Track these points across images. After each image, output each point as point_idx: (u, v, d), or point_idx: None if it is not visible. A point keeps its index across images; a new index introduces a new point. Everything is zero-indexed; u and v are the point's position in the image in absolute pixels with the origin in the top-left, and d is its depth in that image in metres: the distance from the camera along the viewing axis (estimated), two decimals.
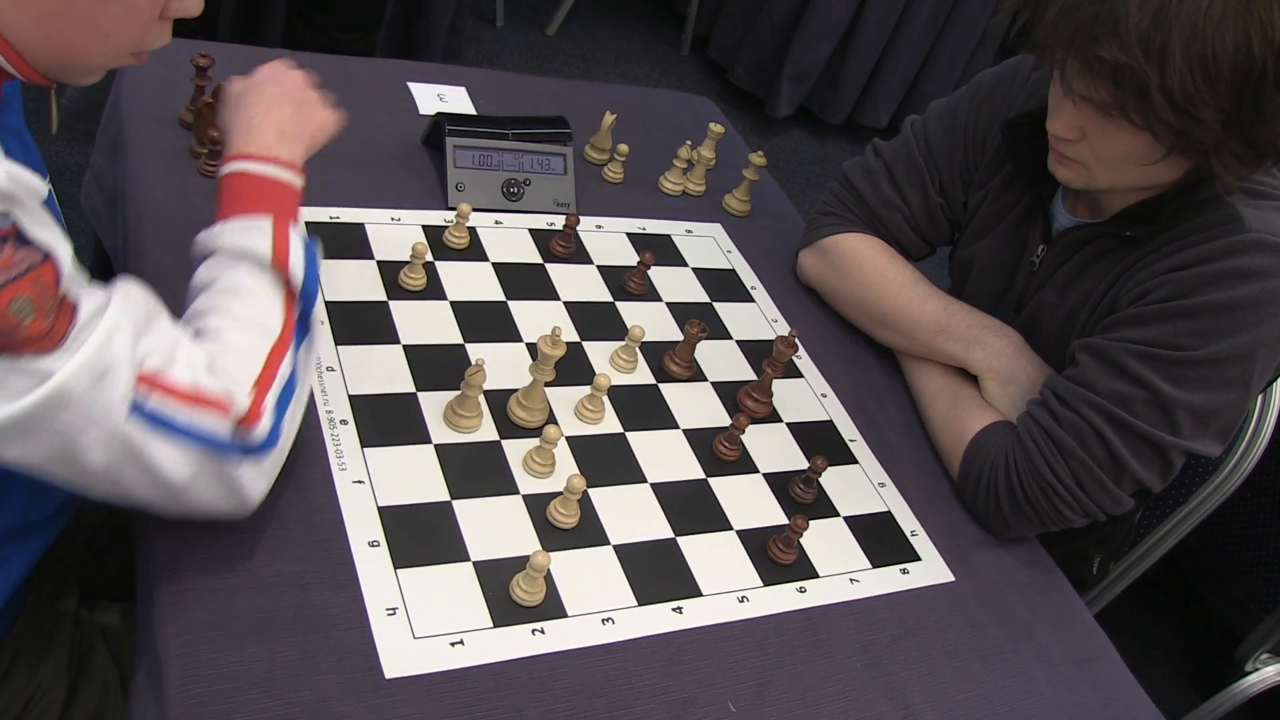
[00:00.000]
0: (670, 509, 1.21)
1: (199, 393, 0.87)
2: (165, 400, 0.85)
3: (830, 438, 1.41)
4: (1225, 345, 1.21)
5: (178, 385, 0.86)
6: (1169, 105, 1.08)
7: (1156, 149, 1.16)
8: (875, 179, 1.55)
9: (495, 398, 1.24)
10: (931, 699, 1.15)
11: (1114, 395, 1.25)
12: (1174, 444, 1.24)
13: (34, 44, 0.85)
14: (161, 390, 0.85)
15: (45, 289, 0.78)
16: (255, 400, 0.91)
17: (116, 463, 0.85)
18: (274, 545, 1.01)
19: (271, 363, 0.94)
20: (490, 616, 1.04)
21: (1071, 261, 1.37)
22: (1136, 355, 1.24)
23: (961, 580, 1.30)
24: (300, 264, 1.00)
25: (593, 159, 1.69)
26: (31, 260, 0.77)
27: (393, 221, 1.42)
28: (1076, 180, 1.28)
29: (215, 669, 0.91)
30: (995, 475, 1.33)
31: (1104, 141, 1.20)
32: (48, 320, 0.78)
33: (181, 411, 0.86)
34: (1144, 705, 1.26)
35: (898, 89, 3.97)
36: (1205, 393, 1.23)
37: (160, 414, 0.85)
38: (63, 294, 0.80)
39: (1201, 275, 1.22)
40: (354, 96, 1.60)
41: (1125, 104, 1.12)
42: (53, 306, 0.79)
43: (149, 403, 0.84)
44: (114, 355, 0.83)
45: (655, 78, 3.90)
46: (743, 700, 1.07)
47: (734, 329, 1.50)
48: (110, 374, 0.82)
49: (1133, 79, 1.08)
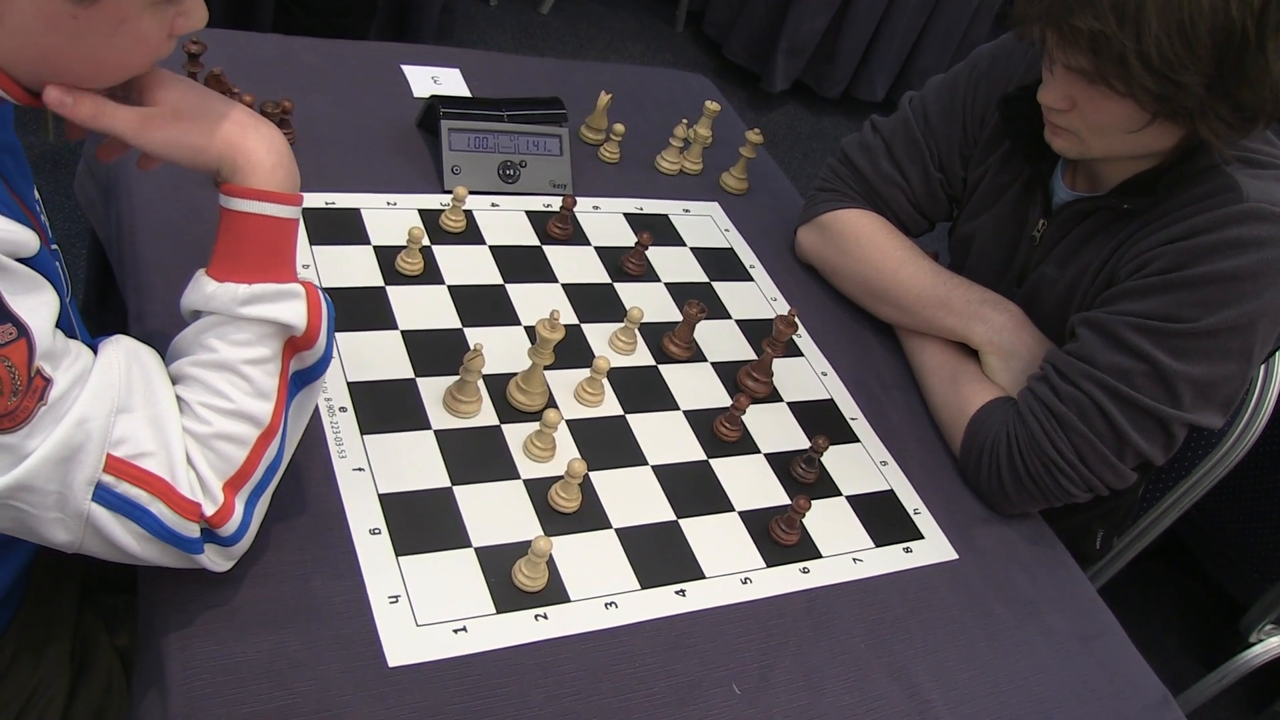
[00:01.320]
0: (672, 491, 1.21)
1: (172, 489, 0.85)
2: (133, 490, 0.83)
3: (831, 416, 1.40)
4: (1225, 316, 1.20)
5: (151, 475, 0.84)
6: (1148, 71, 1.08)
7: (1142, 115, 1.15)
8: (874, 155, 1.54)
9: (494, 382, 1.24)
10: (937, 678, 1.15)
11: (1114, 368, 1.24)
12: (1175, 416, 1.24)
13: (37, 77, 0.82)
14: (131, 478, 0.83)
15: (14, 368, 0.76)
16: (226, 500, 0.88)
17: (79, 537, 0.83)
18: (275, 535, 1.01)
19: (253, 458, 0.90)
20: (493, 603, 1.03)
21: (1071, 235, 1.37)
22: (1136, 328, 1.23)
23: (965, 558, 1.29)
24: (325, 337, 0.94)
25: (589, 139, 1.68)
26: (4, 338, 0.75)
27: (389, 206, 1.41)
28: (1071, 150, 1.27)
29: (218, 660, 0.91)
30: (997, 451, 1.32)
31: (1092, 110, 1.20)
32: (13, 399, 0.76)
33: (151, 504, 0.84)
34: (1150, 681, 1.26)
35: (894, 62, 3.95)
36: (1206, 364, 1.22)
37: (129, 500, 0.83)
38: (35, 372, 0.77)
39: (1200, 246, 1.21)
40: (347, 80, 1.59)
41: (1105, 72, 1.12)
42: (20, 386, 0.76)
43: (117, 489, 0.83)
44: (83, 439, 0.80)
45: (650, 55, 3.88)
46: (747, 682, 1.07)
47: (733, 308, 1.49)
48: (77, 458, 0.80)
49: (1110, 47, 1.09)
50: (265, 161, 0.90)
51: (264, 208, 0.89)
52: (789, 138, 3.80)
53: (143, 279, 1.20)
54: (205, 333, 0.89)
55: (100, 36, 0.80)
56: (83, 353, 0.83)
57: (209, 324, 0.89)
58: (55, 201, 2.31)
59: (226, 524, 0.88)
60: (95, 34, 0.79)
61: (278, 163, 0.91)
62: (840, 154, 1.59)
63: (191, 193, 1.29)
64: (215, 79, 1.33)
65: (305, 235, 1.31)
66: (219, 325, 0.89)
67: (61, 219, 2.31)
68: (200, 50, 1.34)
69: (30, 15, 0.77)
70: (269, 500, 0.94)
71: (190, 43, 1.34)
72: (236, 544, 0.91)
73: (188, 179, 1.32)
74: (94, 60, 0.82)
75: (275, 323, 0.89)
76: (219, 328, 0.89)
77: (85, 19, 0.78)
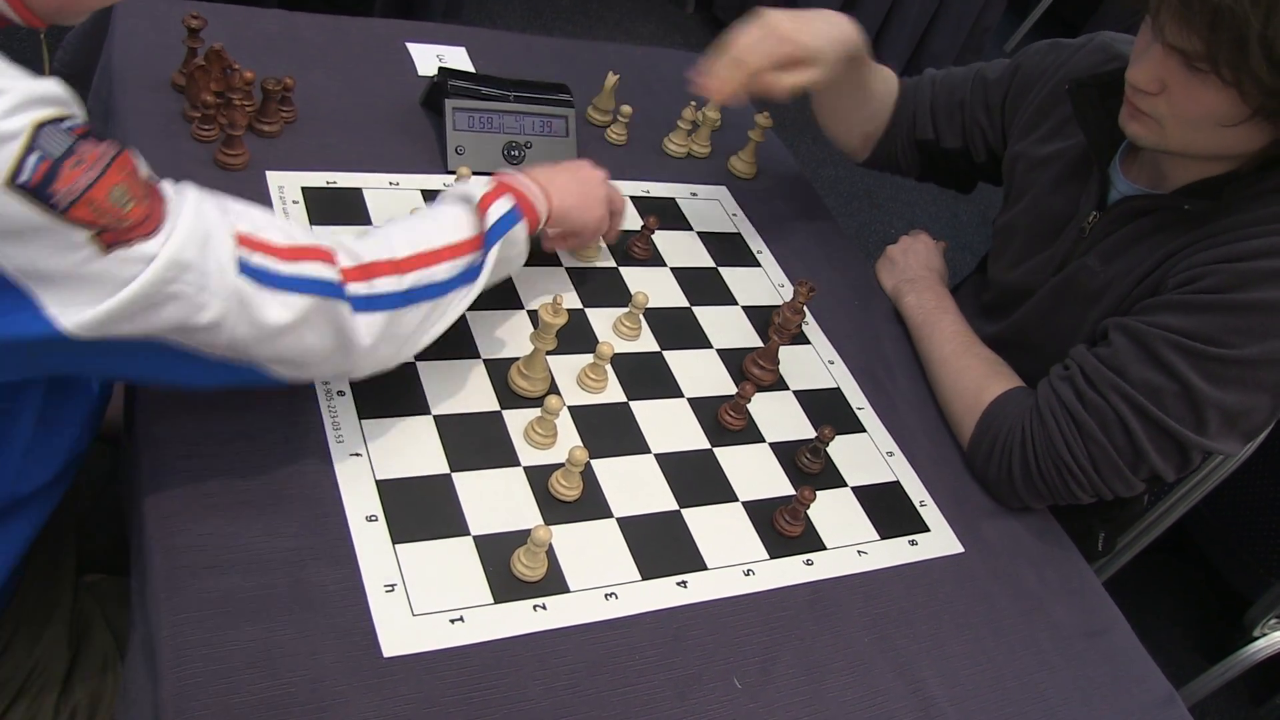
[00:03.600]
0: (674, 480, 1.19)
1: (295, 245, 0.90)
2: (267, 258, 0.87)
3: (838, 406, 1.38)
4: (1268, 347, 1.17)
5: (274, 242, 0.88)
6: (1265, 59, 1.02)
7: (1241, 109, 1.09)
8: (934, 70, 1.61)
9: (496, 367, 1.22)
10: (941, 673, 1.14)
11: (1145, 385, 1.21)
12: (1197, 442, 1.21)
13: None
14: (261, 249, 0.87)
15: (132, 175, 0.79)
16: (360, 268, 0.94)
17: (233, 319, 0.85)
18: (269, 520, 0.99)
19: (407, 264, 0.99)
20: (491, 592, 1.02)
21: (1123, 231, 1.32)
22: (1174, 346, 1.20)
23: (971, 551, 1.28)
24: (498, 214, 1.09)
25: (595, 121, 1.66)
26: (111, 152, 0.78)
27: (391, 186, 1.39)
28: (1148, 137, 1.21)
29: (210, 648, 0.89)
30: (1010, 444, 1.30)
31: (1185, 97, 1.13)
32: (145, 204, 0.79)
33: (283, 265, 0.88)
34: (1155, 678, 1.25)
35: (905, 47, 3.91)
36: (1238, 393, 1.19)
37: (265, 270, 0.87)
38: (147, 178, 0.81)
39: (1255, 270, 1.17)
40: (352, 57, 1.57)
41: (1217, 54, 1.05)
42: (144, 191, 0.79)
43: (253, 260, 0.86)
44: (209, 223, 0.83)
45: (660, 35, 3.84)
46: (749, 676, 1.05)
47: (739, 294, 1.47)
48: (211, 239, 0.83)
49: (1232, 24, 1.02)
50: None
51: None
52: (798, 122, 3.77)
53: None
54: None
55: None
56: None
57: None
58: None
59: (357, 284, 0.94)
60: None
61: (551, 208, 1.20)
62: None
63: (191, 169, 1.27)
64: (216, 55, 1.31)
65: (305, 214, 1.29)
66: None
67: None
68: (201, 25, 1.32)
69: None
70: (414, 326, 1.01)
71: (190, 17, 1.32)
72: (373, 311, 0.95)
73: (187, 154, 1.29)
74: None
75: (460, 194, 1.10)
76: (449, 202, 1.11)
77: None
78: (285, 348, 0.90)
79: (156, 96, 1.36)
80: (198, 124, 1.31)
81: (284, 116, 1.38)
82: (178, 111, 1.35)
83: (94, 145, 0.76)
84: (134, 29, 1.43)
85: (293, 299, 0.88)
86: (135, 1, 1.42)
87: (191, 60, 1.33)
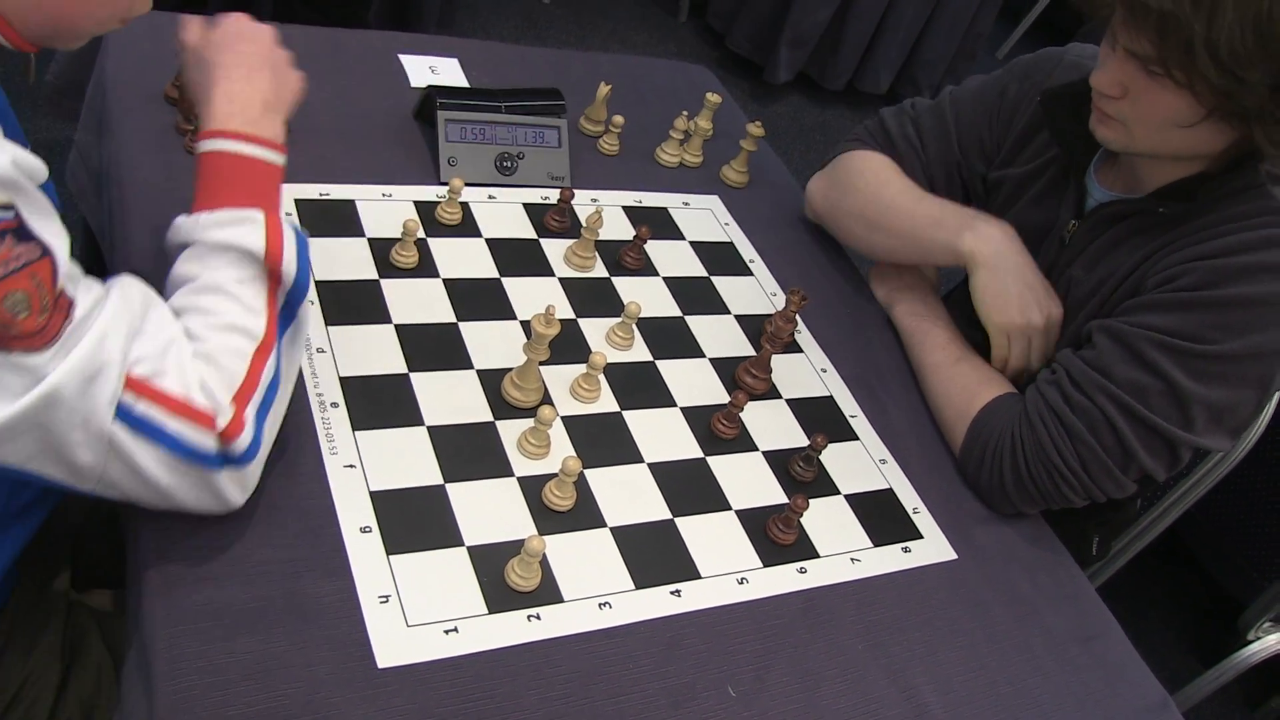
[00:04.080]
0: (668, 489, 1.19)
1: (188, 404, 0.87)
2: (153, 407, 0.85)
3: (830, 414, 1.39)
4: (1249, 342, 1.18)
5: (167, 393, 0.86)
6: (1213, 62, 1.04)
7: (1196, 110, 1.12)
8: (903, 121, 1.55)
9: (489, 377, 1.22)
10: (935, 680, 1.14)
11: (1130, 384, 1.22)
12: (1185, 439, 1.22)
13: (25, 15, 0.86)
14: (149, 397, 0.85)
15: (41, 285, 0.77)
16: (236, 413, 0.90)
17: (103, 461, 0.84)
18: (264, 532, 1.00)
19: (254, 371, 0.93)
20: (485, 603, 1.02)
21: (1103, 238, 1.34)
22: (1157, 345, 1.21)
23: (964, 558, 1.28)
24: (293, 258, 0.97)
25: (588, 131, 1.66)
26: (29, 256, 0.76)
27: (384, 198, 1.39)
28: (1116, 141, 1.24)
29: (205, 660, 0.90)
30: (1000, 451, 1.31)
31: (1145, 100, 1.16)
32: (42, 317, 0.77)
33: (169, 421, 0.86)
34: (1149, 684, 1.25)
35: (898, 54, 3.92)
36: (1223, 389, 1.20)
37: (148, 420, 0.85)
38: (59, 290, 0.79)
39: (1233, 266, 1.18)
40: (344, 69, 1.57)
41: (1168, 58, 1.08)
42: (48, 303, 0.78)
43: (137, 408, 0.84)
44: (106, 357, 0.82)
45: (653, 45, 3.85)
46: (743, 684, 1.06)
47: (732, 303, 1.48)
48: (101, 376, 0.82)
49: (1178, 30, 1.05)
50: (221, 109, 1.00)
51: (216, 144, 0.99)
52: (792, 129, 3.78)
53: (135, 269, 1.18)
54: (189, 261, 0.95)
55: None
56: (94, 281, 0.86)
57: (189, 255, 0.95)
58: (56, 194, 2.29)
59: (239, 437, 0.90)
60: None
61: (234, 112, 1.00)
62: (875, 117, 1.60)
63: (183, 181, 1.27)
64: None
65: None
66: (197, 255, 0.95)
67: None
68: None
69: None
70: (276, 425, 0.97)
71: None
72: (250, 463, 0.92)
73: (181, 167, 1.30)
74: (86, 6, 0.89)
75: (235, 246, 0.94)
76: (199, 258, 0.95)
77: None
78: (158, 498, 0.90)
79: (150, 109, 1.36)
80: (191, 136, 1.32)
81: None
82: (171, 124, 1.35)
83: (13, 245, 0.75)
84: (127, 41, 1.43)
85: (169, 458, 0.87)
86: None
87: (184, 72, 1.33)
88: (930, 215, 1.44)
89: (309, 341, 1.17)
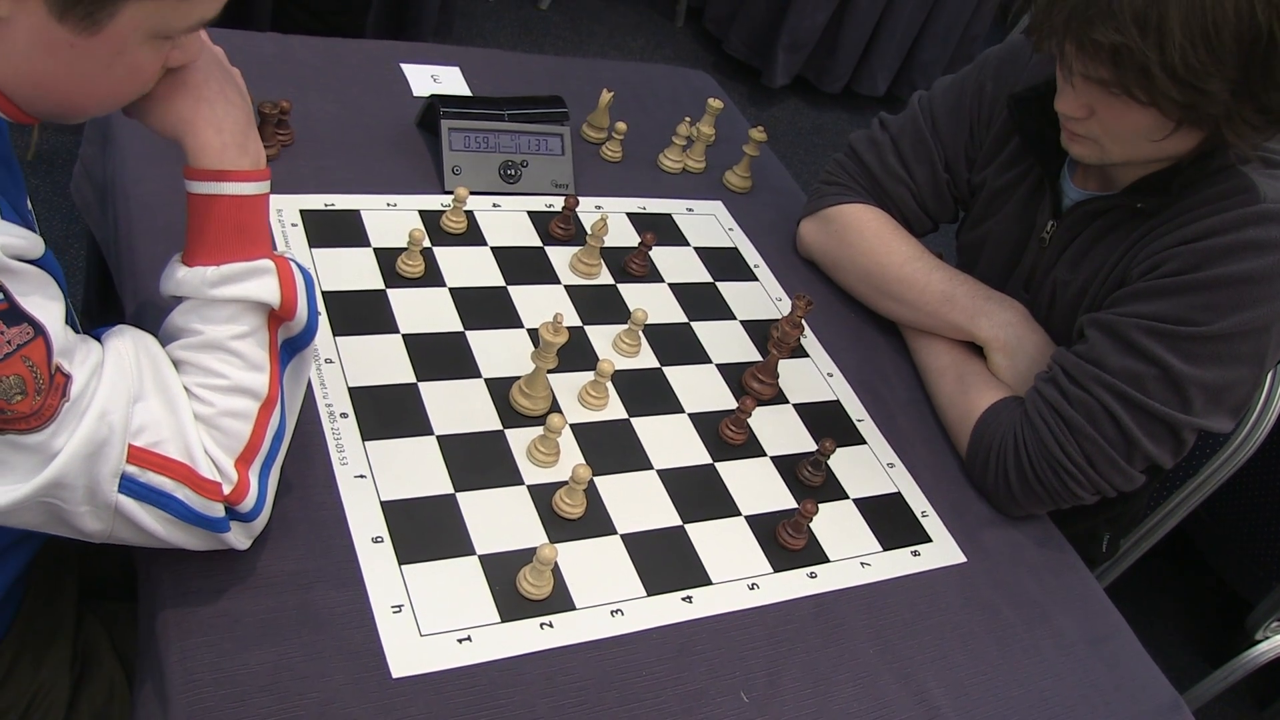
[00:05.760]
0: (677, 496, 1.20)
1: (193, 472, 0.86)
2: (157, 478, 0.85)
3: (838, 418, 1.39)
4: (1238, 319, 1.18)
5: (170, 463, 0.85)
6: (1172, 81, 1.06)
7: (1165, 124, 1.14)
8: (882, 152, 1.53)
9: (497, 386, 1.22)
10: (946, 683, 1.14)
11: (1125, 373, 1.23)
12: (1186, 421, 1.22)
13: (32, 102, 0.83)
14: (154, 467, 0.84)
15: (35, 367, 0.76)
16: (241, 477, 0.89)
17: (109, 526, 0.85)
18: (276, 544, 1.00)
19: (258, 431, 0.91)
20: (497, 611, 1.02)
21: (1082, 236, 1.35)
22: (1147, 331, 1.22)
23: (973, 561, 1.28)
24: (305, 305, 0.94)
25: (590, 138, 1.66)
26: (21, 339, 0.76)
27: (389, 207, 1.40)
28: (1091, 156, 1.25)
29: (219, 673, 0.90)
30: (1004, 453, 1.31)
31: (1113, 118, 1.18)
32: (37, 399, 0.77)
33: (175, 489, 0.86)
34: (1160, 684, 1.25)
35: (895, 57, 3.93)
36: (1218, 369, 1.21)
37: (152, 488, 0.85)
38: (55, 369, 0.78)
39: (1214, 247, 1.19)
40: (346, 80, 1.58)
41: (1127, 82, 1.10)
42: (43, 385, 0.77)
43: (141, 479, 0.84)
44: (106, 433, 0.81)
45: (650, 50, 3.86)
46: (755, 690, 1.06)
47: (737, 309, 1.48)
48: (103, 451, 0.81)
49: (1132, 59, 1.07)
50: (213, 143, 0.90)
51: (218, 187, 0.90)
52: (790, 133, 3.78)
53: (140, 283, 1.19)
54: (187, 315, 0.91)
55: (97, 66, 0.81)
56: (92, 346, 0.84)
57: (189, 307, 0.91)
58: (52, 202, 2.30)
59: (245, 499, 0.90)
60: (92, 62, 0.80)
61: (227, 143, 0.91)
62: (848, 149, 1.57)
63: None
64: None
65: (305, 237, 1.30)
66: (198, 308, 0.91)
67: (59, 220, 2.29)
68: None
69: (30, 41, 0.78)
70: (280, 471, 0.96)
71: None
72: (257, 518, 0.92)
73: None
74: (88, 87, 0.83)
75: (248, 300, 0.90)
76: (199, 310, 0.91)
77: (84, 48, 0.79)
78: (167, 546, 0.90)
79: None
80: None
81: (281, 140, 1.39)
82: None
83: (4, 328, 0.75)
84: None
85: (174, 519, 0.87)
86: None
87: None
88: (941, 292, 1.43)
89: (317, 353, 1.17)
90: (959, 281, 1.43)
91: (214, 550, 0.93)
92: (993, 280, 1.46)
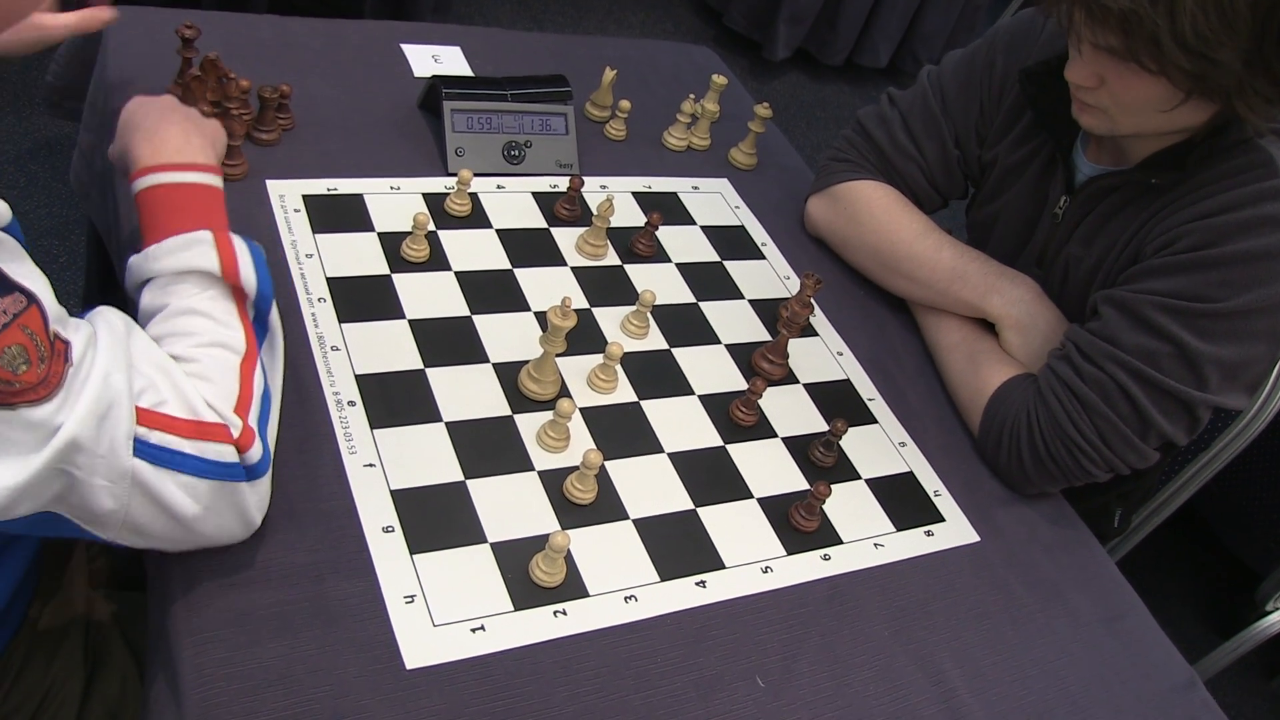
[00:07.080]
0: (689, 479, 1.19)
1: (200, 423, 0.86)
2: (167, 436, 0.84)
3: (848, 397, 1.38)
4: (1254, 296, 1.17)
5: (176, 421, 0.85)
6: (1182, 50, 1.05)
7: (1174, 94, 1.12)
8: (891, 128, 1.51)
9: (505, 370, 1.21)
10: (962, 664, 1.13)
11: (1139, 350, 1.21)
12: (1201, 399, 1.21)
13: None
14: (162, 426, 0.84)
15: (35, 334, 0.75)
16: (244, 424, 0.90)
17: (125, 504, 0.83)
18: (286, 535, 0.99)
19: (246, 382, 0.93)
20: (510, 600, 1.01)
21: (1096, 212, 1.33)
22: (1162, 308, 1.20)
23: (987, 540, 1.27)
24: (251, 270, 0.97)
25: (594, 117, 1.65)
26: (15, 307, 0.74)
27: (392, 191, 1.38)
28: (1100, 127, 1.24)
29: (232, 666, 0.89)
30: (1017, 431, 1.30)
31: (1122, 88, 1.16)
32: (42, 366, 0.75)
33: (186, 445, 0.85)
34: (1175, 661, 1.24)
35: (897, 28, 3.89)
36: (1233, 345, 1.19)
37: (165, 449, 0.84)
38: (53, 335, 0.77)
39: (1230, 223, 1.18)
40: (346, 61, 1.56)
41: (1137, 51, 1.08)
42: (45, 352, 0.76)
43: (152, 439, 0.83)
44: (113, 395, 0.81)
45: (650, 25, 3.83)
46: (771, 674, 1.05)
47: (746, 288, 1.46)
48: (112, 413, 0.80)
49: (1142, 26, 1.05)
50: (144, 151, 1.02)
51: (147, 180, 1.00)
52: (792, 106, 3.76)
53: None
54: (154, 294, 0.96)
55: None
56: (81, 320, 0.84)
57: (151, 288, 0.97)
58: (52, 188, 2.27)
59: (252, 448, 0.90)
60: None
61: (158, 148, 1.03)
62: (856, 125, 1.56)
63: None
64: (211, 64, 1.29)
65: (308, 223, 1.28)
66: (160, 286, 0.96)
67: (59, 206, 2.27)
68: (195, 35, 1.31)
69: None
70: (275, 433, 0.98)
71: (184, 27, 1.30)
72: (264, 476, 0.92)
73: None
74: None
75: (192, 269, 0.95)
76: (161, 288, 0.96)
77: None
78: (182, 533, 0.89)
79: None
80: None
81: (282, 124, 1.38)
82: None
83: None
84: (127, 40, 1.42)
85: (195, 482, 0.86)
86: (128, 12, 1.41)
87: (187, 70, 1.32)
88: (953, 269, 1.42)
89: (323, 340, 1.16)
90: (970, 258, 1.42)
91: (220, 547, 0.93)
92: (1005, 257, 1.45)
